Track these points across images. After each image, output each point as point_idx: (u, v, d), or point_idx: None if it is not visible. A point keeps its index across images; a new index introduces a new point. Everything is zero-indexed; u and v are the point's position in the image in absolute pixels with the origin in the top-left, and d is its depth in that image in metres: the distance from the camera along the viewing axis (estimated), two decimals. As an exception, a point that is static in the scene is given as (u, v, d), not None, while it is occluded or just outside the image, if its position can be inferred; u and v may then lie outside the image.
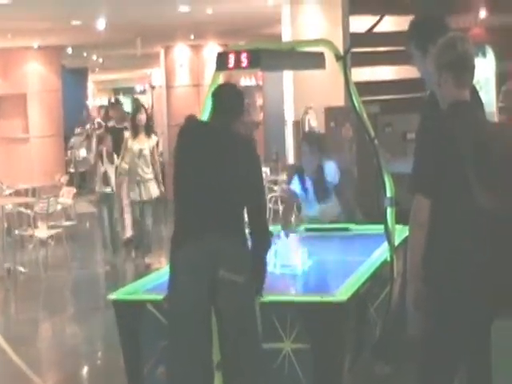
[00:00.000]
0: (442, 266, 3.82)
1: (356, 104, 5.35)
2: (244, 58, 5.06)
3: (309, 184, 6.95)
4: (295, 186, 7.05)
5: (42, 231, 11.54)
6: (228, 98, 4.62)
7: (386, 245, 5.30)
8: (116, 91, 34.19)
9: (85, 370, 7.36)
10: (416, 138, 4.17)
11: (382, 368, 5.93)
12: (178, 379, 4.36)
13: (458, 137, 3.81)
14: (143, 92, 31.38)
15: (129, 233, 11.85)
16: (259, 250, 4.40)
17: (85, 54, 19.35)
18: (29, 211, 11.83)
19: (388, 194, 5.38)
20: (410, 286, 3.88)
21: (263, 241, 4.41)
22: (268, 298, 4.46)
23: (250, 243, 4.39)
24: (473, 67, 3.93)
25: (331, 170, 6.91)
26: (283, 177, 12.21)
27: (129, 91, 33.32)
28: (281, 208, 11.95)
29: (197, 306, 4.28)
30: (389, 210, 5.34)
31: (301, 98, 10.91)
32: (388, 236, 5.18)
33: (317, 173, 6.89)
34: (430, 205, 3.78)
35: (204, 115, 5.54)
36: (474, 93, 4.26)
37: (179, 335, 4.32)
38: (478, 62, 4.05)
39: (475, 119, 3.93)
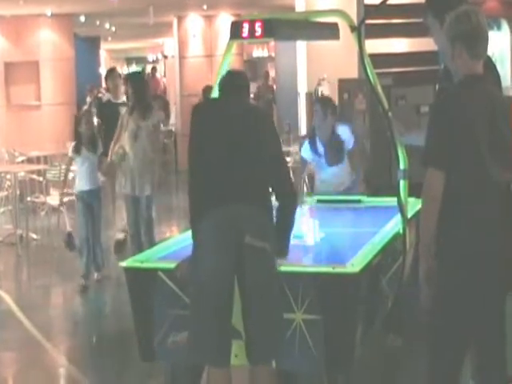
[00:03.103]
0: (454, 239, 3.82)
1: (370, 76, 5.33)
2: (258, 27, 5.07)
3: (321, 148, 6.95)
4: (305, 152, 7.07)
5: (54, 198, 11.57)
6: (235, 78, 4.79)
7: (398, 217, 5.30)
8: (128, 60, 34.16)
9: (95, 337, 7.41)
10: (430, 110, 4.16)
11: (393, 340, 5.95)
12: (199, 344, 4.40)
13: (470, 110, 3.80)
14: (156, 61, 31.31)
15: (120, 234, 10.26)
16: (287, 212, 4.58)
17: (97, 23, 19.28)
18: (41, 178, 11.86)
19: (401, 167, 5.37)
20: (422, 262, 3.88)
21: (290, 203, 4.60)
22: (280, 268, 4.47)
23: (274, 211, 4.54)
24: (486, 39, 3.91)
25: (346, 134, 6.93)
26: (295, 148, 12.19)
27: (141, 60, 33.31)
28: (293, 179, 11.96)
29: (222, 273, 4.33)
30: (402, 183, 5.33)
31: (314, 70, 10.86)
32: (401, 208, 5.18)
33: (330, 136, 6.91)
34: (442, 178, 3.77)
35: (215, 90, 5.56)
36: (491, 67, 4.24)
37: (203, 302, 4.36)
38: (493, 35, 4.03)
39: (488, 92, 3.91)
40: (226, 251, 4.33)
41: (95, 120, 10.20)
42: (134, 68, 32.35)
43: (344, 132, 6.97)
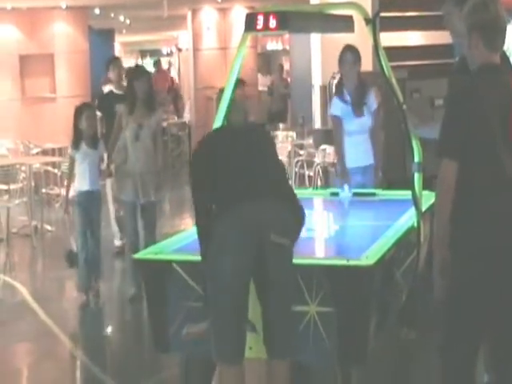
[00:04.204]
0: (469, 232, 3.81)
1: (385, 68, 5.32)
2: (273, 19, 5.06)
3: (348, 98, 7.23)
4: (335, 106, 7.32)
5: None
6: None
7: (412, 210, 5.29)
8: (143, 53, 34.18)
9: (109, 328, 7.44)
10: (444, 101, 4.14)
11: (407, 333, 5.93)
12: (220, 336, 4.38)
13: (486, 100, 3.78)
14: (170, 54, 31.31)
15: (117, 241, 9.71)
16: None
17: (112, 15, 19.30)
18: (56, 170, 11.91)
19: (416, 160, 5.36)
20: (436, 254, 3.87)
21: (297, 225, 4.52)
22: (294, 260, 4.47)
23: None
24: (504, 30, 3.88)
25: (371, 96, 7.22)
26: (309, 141, 12.19)
27: (155, 53, 33.32)
28: (306, 172, 11.96)
29: (242, 273, 4.31)
30: (416, 176, 5.32)
31: (328, 63, 10.83)
32: (415, 201, 5.17)
33: (357, 86, 7.20)
34: (456, 169, 3.76)
35: (229, 83, 5.53)
36: (505, 59, 4.22)
37: (220, 302, 4.33)
38: (509, 27, 4.00)
39: (504, 83, 3.88)
40: (248, 249, 4.31)
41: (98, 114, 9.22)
42: (149, 61, 32.35)
43: (370, 94, 7.24)
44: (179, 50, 26.84)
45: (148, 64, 29.75)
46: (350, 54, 7.24)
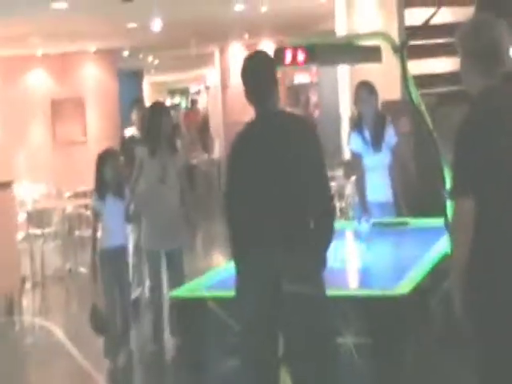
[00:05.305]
0: (488, 271, 3.55)
1: (414, 97, 5.30)
2: (301, 53, 5.08)
3: (367, 134, 7.13)
4: (354, 142, 7.21)
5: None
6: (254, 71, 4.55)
7: (445, 238, 5.20)
8: (171, 92, 34.41)
9: (143, 368, 7.38)
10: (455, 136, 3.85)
11: (441, 363, 5.81)
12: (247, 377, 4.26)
13: (492, 128, 3.54)
14: (198, 93, 31.50)
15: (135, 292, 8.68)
16: (322, 232, 4.13)
17: (140, 56, 19.50)
18: (88, 212, 11.95)
19: (447, 187, 5.30)
20: (455, 295, 3.65)
21: (327, 222, 4.17)
22: (329, 292, 4.39)
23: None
24: (502, 55, 3.60)
25: (390, 131, 7.14)
26: (339, 173, 12.14)
27: (184, 92, 33.55)
28: (338, 204, 11.89)
29: (265, 318, 4.10)
30: (449, 203, 5.25)
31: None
32: (448, 229, 5.09)
33: (375, 121, 7.10)
34: (472, 206, 3.47)
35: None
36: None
37: (245, 352, 4.21)
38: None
39: (508, 105, 3.63)
40: (266, 297, 4.06)
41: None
42: (177, 100, 32.54)
43: (389, 129, 7.15)
44: (207, 87, 27.01)
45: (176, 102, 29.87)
46: (364, 89, 7.13)
